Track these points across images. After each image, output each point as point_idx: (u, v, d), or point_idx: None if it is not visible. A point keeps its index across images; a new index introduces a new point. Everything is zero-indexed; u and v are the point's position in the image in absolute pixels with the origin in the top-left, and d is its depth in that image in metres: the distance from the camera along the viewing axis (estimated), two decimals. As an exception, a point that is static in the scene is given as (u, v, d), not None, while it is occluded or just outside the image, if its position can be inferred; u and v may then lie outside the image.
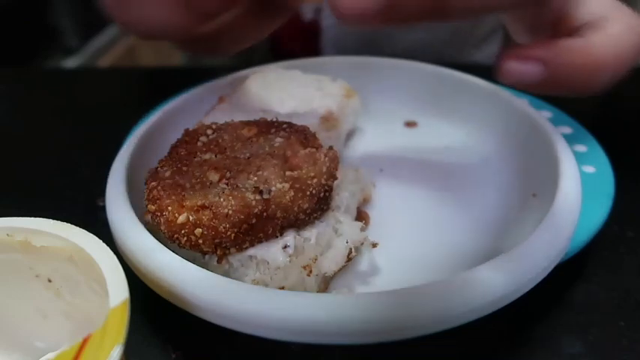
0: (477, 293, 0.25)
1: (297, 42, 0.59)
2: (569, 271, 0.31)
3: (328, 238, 0.30)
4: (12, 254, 0.25)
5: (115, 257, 0.23)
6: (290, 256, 0.28)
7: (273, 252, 0.28)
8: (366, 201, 0.37)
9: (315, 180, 0.29)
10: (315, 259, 0.29)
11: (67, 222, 0.25)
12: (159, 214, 0.28)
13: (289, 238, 0.29)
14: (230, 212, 0.27)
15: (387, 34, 0.56)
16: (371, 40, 0.56)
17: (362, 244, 0.31)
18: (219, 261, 0.29)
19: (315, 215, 0.30)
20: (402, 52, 0.52)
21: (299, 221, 0.29)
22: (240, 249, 0.28)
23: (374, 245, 0.31)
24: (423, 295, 0.25)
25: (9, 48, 1.08)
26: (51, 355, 0.20)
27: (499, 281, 0.26)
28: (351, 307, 0.25)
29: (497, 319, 0.26)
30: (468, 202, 0.37)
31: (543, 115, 0.39)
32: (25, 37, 1.18)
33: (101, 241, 0.24)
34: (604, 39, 0.26)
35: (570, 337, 0.29)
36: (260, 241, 0.29)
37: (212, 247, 0.28)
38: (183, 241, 0.28)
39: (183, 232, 0.28)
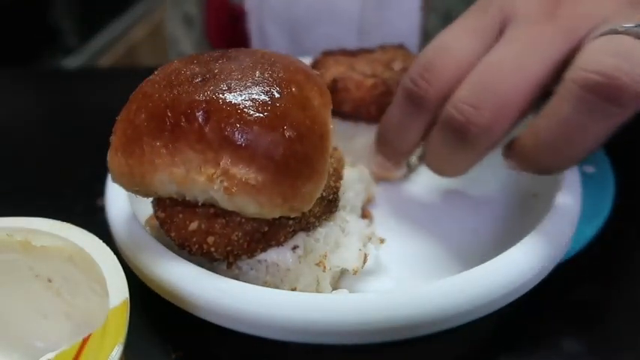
0: (476, 293, 0.25)
1: (227, 26, 0.60)
2: (569, 271, 0.31)
3: (336, 237, 0.30)
4: (12, 254, 0.25)
5: (115, 257, 0.23)
6: (300, 257, 0.28)
7: (282, 253, 0.28)
8: (369, 200, 0.37)
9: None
10: (326, 256, 0.29)
11: (67, 222, 0.25)
12: (169, 220, 0.27)
13: (298, 239, 0.29)
14: (243, 220, 0.26)
15: (305, 26, 0.57)
16: (292, 28, 0.58)
17: (370, 239, 0.31)
18: (228, 267, 0.28)
19: (324, 217, 0.30)
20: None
21: (309, 225, 0.29)
22: (252, 256, 0.28)
23: (382, 241, 0.31)
24: (422, 295, 0.25)
25: (9, 48, 1.08)
26: (51, 355, 0.20)
27: (499, 281, 0.26)
28: (351, 307, 0.25)
29: (497, 319, 0.26)
30: (468, 202, 0.37)
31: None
32: (25, 37, 1.18)
33: (101, 241, 0.24)
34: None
35: (570, 337, 0.29)
36: (271, 247, 0.28)
37: (224, 255, 0.27)
38: (194, 249, 0.27)
39: (194, 239, 0.27)
